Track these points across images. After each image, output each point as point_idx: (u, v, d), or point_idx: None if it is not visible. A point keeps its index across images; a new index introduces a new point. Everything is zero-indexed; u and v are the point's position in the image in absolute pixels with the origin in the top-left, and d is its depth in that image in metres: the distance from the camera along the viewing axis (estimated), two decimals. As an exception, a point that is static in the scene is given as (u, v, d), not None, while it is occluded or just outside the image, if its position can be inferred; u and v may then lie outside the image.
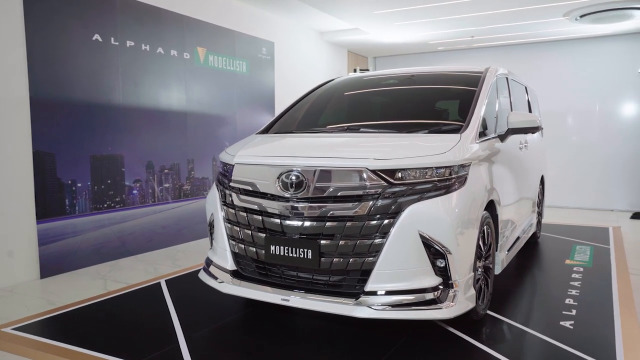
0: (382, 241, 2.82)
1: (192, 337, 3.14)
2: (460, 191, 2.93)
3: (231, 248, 3.31)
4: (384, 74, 4.46)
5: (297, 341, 3.14)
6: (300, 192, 2.98)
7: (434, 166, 2.88)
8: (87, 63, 4.99)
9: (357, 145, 3.25)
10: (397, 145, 3.11)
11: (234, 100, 6.94)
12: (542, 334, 3.15)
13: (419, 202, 2.82)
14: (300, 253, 2.99)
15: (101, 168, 5.18)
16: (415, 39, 9.27)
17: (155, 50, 5.73)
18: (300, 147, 3.38)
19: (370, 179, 2.85)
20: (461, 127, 3.34)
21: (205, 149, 6.52)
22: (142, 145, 5.62)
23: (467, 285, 2.96)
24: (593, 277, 4.43)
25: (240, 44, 6.99)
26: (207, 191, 6.56)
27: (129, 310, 3.72)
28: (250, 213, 3.18)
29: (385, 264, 2.82)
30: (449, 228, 2.82)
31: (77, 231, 4.97)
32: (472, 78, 3.95)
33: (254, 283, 3.19)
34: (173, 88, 5.99)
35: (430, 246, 2.82)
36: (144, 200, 5.70)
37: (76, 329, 3.34)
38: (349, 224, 2.87)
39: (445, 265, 2.85)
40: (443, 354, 2.91)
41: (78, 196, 4.97)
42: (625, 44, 8.80)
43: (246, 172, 3.25)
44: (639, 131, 8.83)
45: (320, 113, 4.20)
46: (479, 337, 3.10)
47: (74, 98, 4.88)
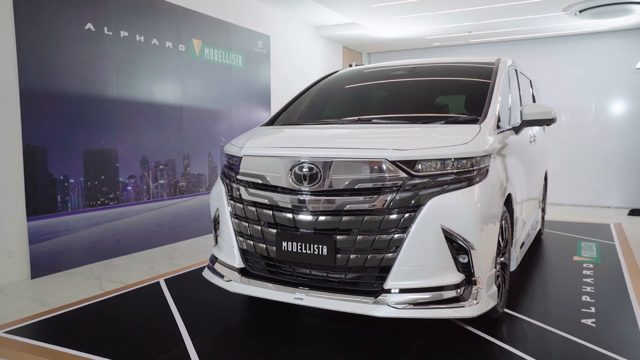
0: (403, 236, 2.67)
1: (198, 340, 2.96)
2: (483, 183, 2.79)
3: (239, 245, 3.13)
4: (391, 65, 4.31)
5: (308, 343, 2.98)
6: (314, 184, 2.81)
7: (456, 157, 2.74)
8: (80, 53, 4.77)
9: (374, 136, 3.10)
10: (415, 136, 2.95)
11: (230, 95, 6.74)
12: (565, 332, 3.03)
13: (441, 195, 2.68)
14: (314, 249, 2.83)
15: (94, 163, 4.97)
16: (411, 35, 9.16)
17: (149, 41, 5.52)
18: (313, 138, 3.21)
19: (389, 170, 2.70)
20: (477, 118, 3.20)
21: (201, 145, 6.32)
22: (136, 140, 5.41)
23: (489, 282, 2.83)
24: (605, 273, 4.34)
25: (236, 37, 6.80)
26: (203, 188, 6.36)
27: (128, 311, 3.53)
28: (260, 207, 3.01)
29: (405, 260, 2.68)
30: (472, 222, 2.69)
31: (69, 229, 4.75)
32: (484, 69, 3.83)
33: (264, 281, 3.03)
34: (168, 81, 5.79)
35: (453, 241, 2.68)
36: (139, 197, 5.49)
37: (74, 332, 3.14)
38: (367, 218, 2.71)
39: (469, 261, 2.71)
40: (468, 354, 2.77)
41: (70, 192, 4.75)
42: (622, 40, 8.78)
43: (255, 164, 3.08)
44: (635, 128, 8.82)
45: (326, 105, 4.04)
46: (500, 336, 2.97)
47: (66, 90, 4.66)
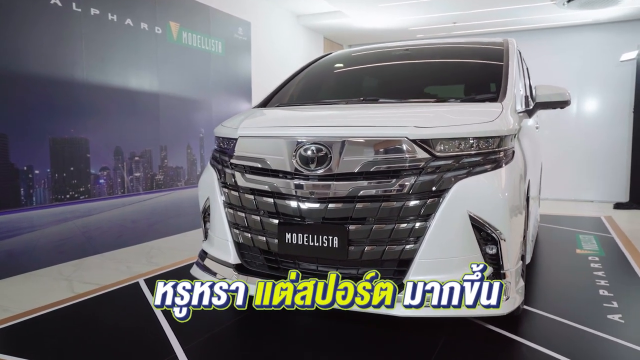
0: (425, 224, 2.36)
1: (190, 346, 2.58)
2: (510, 166, 2.51)
3: (234, 238, 2.77)
4: (394, 45, 3.99)
5: (313, 347, 2.64)
6: (323, 168, 2.47)
7: (483, 136, 2.44)
8: (45, 31, 4.29)
9: (389, 113, 2.78)
10: (434, 114, 2.64)
11: (209, 83, 6.33)
12: (593, 328, 2.78)
13: (467, 178, 2.38)
14: (323, 241, 2.49)
15: (63, 153, 4.49)
16: (394, 25, 8.90)
17: (123, 21, 5.06)
18: (320, 116, 2.87)
19: (409, 150, 2.39)
20: (495, 97, 2.92)
21: (179, 136, 5.89)
22: (109, 129, 4.95)
23: (517, 275, 2.55)
24: (613, 266, 4.14)
25: (215, 21, 6.38)
26: (181, 182, 5.93)
27: (106, 315, 3.11)
28: (259, 195, 2.65)
29: (428, 252, 2.37)
30: (502, 208, 2.39)
31: (34, 225, 4.27)
32: (494, 49, 3.57)
33: (264, 279, 2.67)
34: (143, 66, 5.34)
35: (480, 229, 2.38)
36: (112, 190, 5.03)
37: (42, 340, 2.72)
38: (385, 205, 2.39)
39: (497, 252, 2.42)
40: (497, 356, 2.49)
41: (36, 185, 4.27)
42: (607, 33, 8.73)
43: (253, 146, 2.71)
44: (617, 121, 8.78)
45: (325, 86, 3.71)
46: (528, 335, 2.70)
47: (30, 71, 4.18)
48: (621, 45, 8.50)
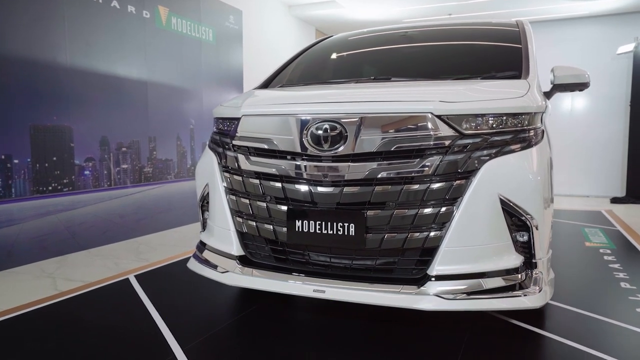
0: (452, 209, 2.14)
1: (189, 347, 2.32)
2: (540, 146, 2.30)
3: (237, 227, 2.51)
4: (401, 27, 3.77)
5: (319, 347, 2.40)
6: (338, 147, 2.23)
7: (514, 112, 2.22)
8: (24, 10, 3.99)
9: (407, 90, 2.55)
10: (458, 89, 2.41)
11: (200, 72, 6.04)
12: (626, 323, 2.59)
13: (497, 158, 2.16)
14: (337, 229, 2.25)
15: (45, 142, 4.19)
16: (388, 17, 8.70)
17: (109, 2, 4.76)
18: (332, 94, 2.63)
19: (434, 128, 2.16)
20: (516, 74, 2.72)
21: (169, 126, 5.59)
22: (95, 117, 4.65)
23: (548, 265, 2.34)
24: (627, 258, 3.98)
25: (206, 7, 6.10)
26: (171, 175, 5.63)
27: (95, 314, 2.83)
28: (265, 179, 2.40)
29: (456, 239, 2.14)
30: (535, 191, 2.18)
31: (13, 219, 3.96)
32: (507, 30, 3.36)
33: (271, 271, 2.42)
34: (131, 51, 5.04)
35: (512, 215, 2.17)
36: (98, 183, 4.73)
37: (23, 342, 2.43)
38: (407, 188, 2.16)
39: (529, 240, 2.21)
40: (528, 352, 2.28)
41: (15, 176, 3.96)
42: (604, 26, 8.63)
43: (258, 125, 2.46)
44: (613, 116, 8.69)
45: (331, 67, 3.47)
46: (557, 330, 2.50)
47: (6, 53, 3.87)
48: (618, 38, 8.41)
